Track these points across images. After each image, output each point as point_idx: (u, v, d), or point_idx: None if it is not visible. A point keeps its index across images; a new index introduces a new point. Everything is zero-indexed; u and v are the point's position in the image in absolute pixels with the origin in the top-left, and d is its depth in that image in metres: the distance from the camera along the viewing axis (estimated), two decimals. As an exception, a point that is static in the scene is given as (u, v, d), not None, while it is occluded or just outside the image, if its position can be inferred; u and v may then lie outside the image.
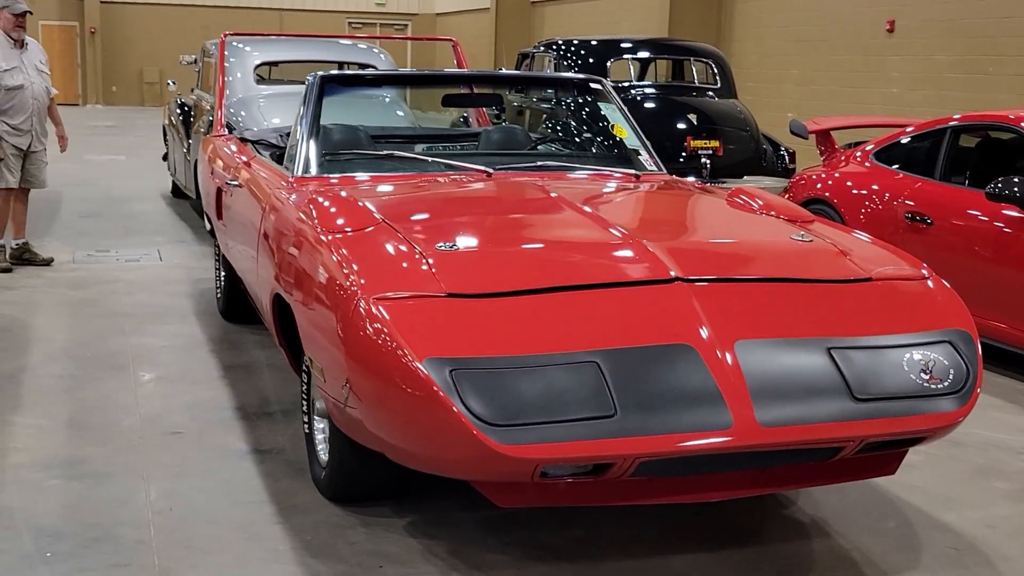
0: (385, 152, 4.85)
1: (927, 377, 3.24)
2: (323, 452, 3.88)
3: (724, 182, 9.54)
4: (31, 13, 7.63)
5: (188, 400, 5.01)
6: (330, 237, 3.63)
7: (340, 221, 3.78)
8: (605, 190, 4.69)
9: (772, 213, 4.21)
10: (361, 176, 4.65)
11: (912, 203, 6.39)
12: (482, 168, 4.65)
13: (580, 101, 5.69)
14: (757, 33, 17.08)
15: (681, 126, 9.63)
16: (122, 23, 30.08)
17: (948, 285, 3.68)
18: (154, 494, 3.97)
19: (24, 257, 7.95)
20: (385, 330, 3.05)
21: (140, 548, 3.55)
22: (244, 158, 5.57)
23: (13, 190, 7.70)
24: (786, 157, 9.97)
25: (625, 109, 5.30)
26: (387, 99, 8.27)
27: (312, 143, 4.75)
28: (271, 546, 3.59)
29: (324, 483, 3.91)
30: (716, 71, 10.54)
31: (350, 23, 32.68)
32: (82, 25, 30.19)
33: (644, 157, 5.12)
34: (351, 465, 3.71)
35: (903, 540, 3.81)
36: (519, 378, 2.95)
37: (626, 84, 10.30)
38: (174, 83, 12.51)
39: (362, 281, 3.25)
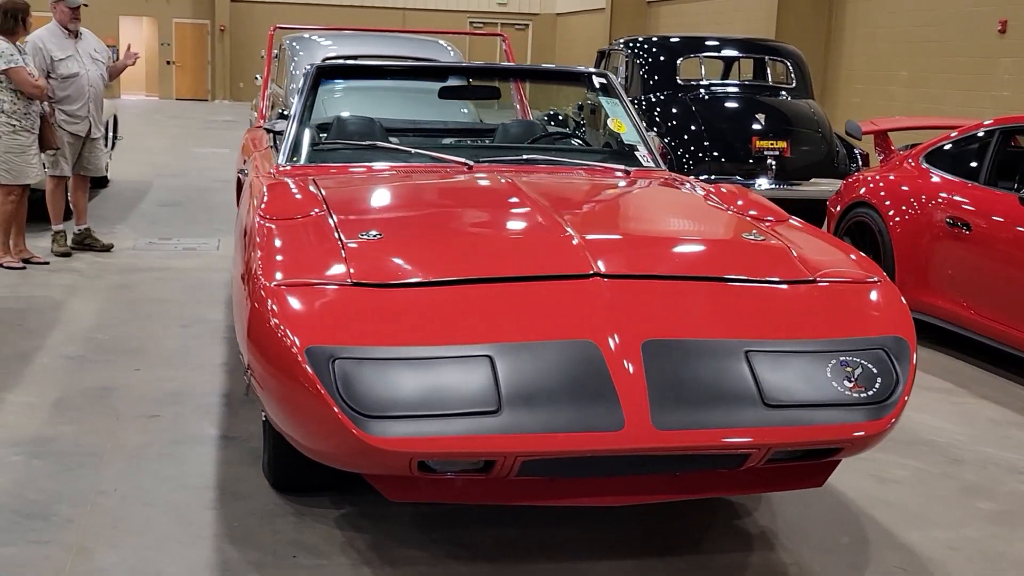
0: (368, 143, 4.83)
1: (850, 386, 3.07)
2: None
3: (796, 184, 9.30)
4: (86, 5, 7.85)
5: (181, 386, 5.08)
6: (263, 224, 3.63)
7: (282, 209, 3.77)
8: (578, 185, 4.58)
9: (743, 213, 4.04)
10: (342, 166, 4.64)
11: (952, 209, 6.09)
12: (463, 161, 4.59)
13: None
14: (867, 33, 16.58)
15: (748, 126, 9.39)
16: (251, 21, 30.83)
17: (898, 291, 3.48)
18: (105, 475, 4.03)
19: (85, 242, 8.19)
20: (275, 317, 3.03)
21: (68, 527, 3.60)
22: (257, 149, 5.61)
23: (67, 178, 7.93)
24: (859, 159, 9.63)
25: (628, 104, 5.17)
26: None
27: (299, 133, 4.75)
28: (196, 531, 3.60)
29: (266, 471, 3.92)
30: (793, 71, 10.25)
31: (471, 22, 32.89)
32: (213, 23, 31.10)
33: (642, 153, 4.98)
34: (283, 453, 3.69)
35: (850, 557, 3.62)
36: (403, 370, 2.89)
37: (695, 83, 10.10)
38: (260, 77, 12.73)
39: (266, 268, 3.24)
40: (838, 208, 7.17)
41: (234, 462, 4.18)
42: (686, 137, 9.39)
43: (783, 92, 10.13)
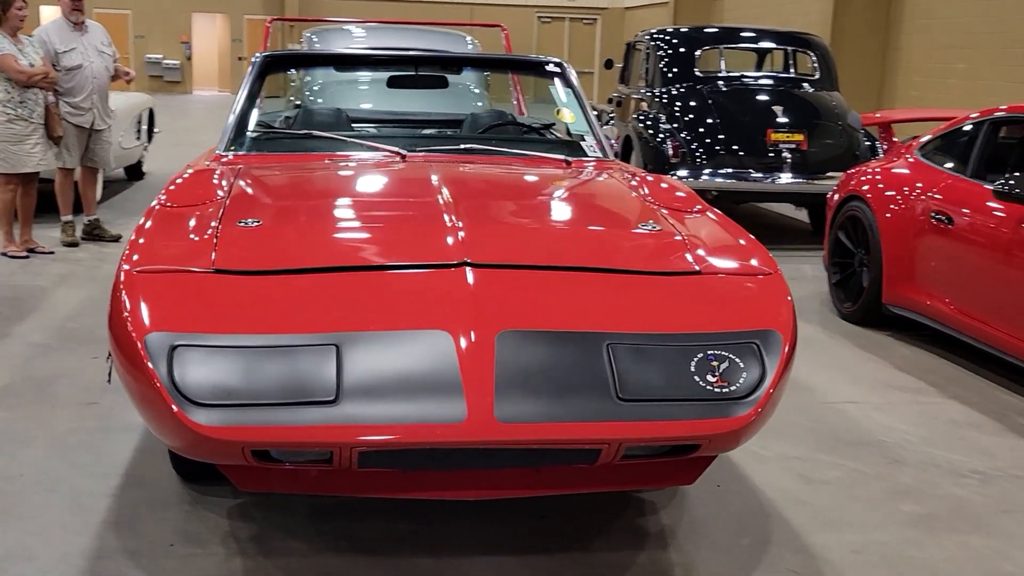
0: (304, 132, 4.80)
1: (713, 380, 2.96)
2: None
3: (814, 178, 9.08)
4: (86, -7, 7.97)
5: (131, 373, 5.10)
6: (154, 209, 3.64)
7: (184, 196, 3.78)
8: (499, 175, 4.50)
9: (661, 204, 3.93)
10: (278, 155, 4.63)
11: (937, 202, 5.89)
12: (396, 150, 4.54)
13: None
14: (925, 25, 16.17)
15: (764, 119, 9.19)
16: (321, 16, 31.12)
17: (785, 286, 3.34)
18: (20, 460, 4.07)
19: (94, 233, 8.33)
20: (126, 303, 3.02)
21: (-38, 511, 3.64)
22: None
23: (73, 170, 8.05)
24: (880, 152, 9.36)
25: (581, 93, 5.07)
26: (470, 85, 8.21)
27: (239, 122, 4.75)
28: (86, 518, 3.61)
29: (171, 457, 3.92)
30: (817, 62, 10.01)
31: (539, 17, 32.83)
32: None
33: (588, 143, 4.88)
34: None
35: (743, 559, 3.50)
36: (243, 358, 2.86)
37: (713, 75, 9.92)
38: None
39: (130, 253, 3.24)
40: (835, 201, 6.98)
41: (154, 452, 4.17)
42: (701, 130, 9.22)
43: (805, 84, 9.89)
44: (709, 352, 3.01)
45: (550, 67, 5.26)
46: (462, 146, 4.74)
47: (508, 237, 3.52)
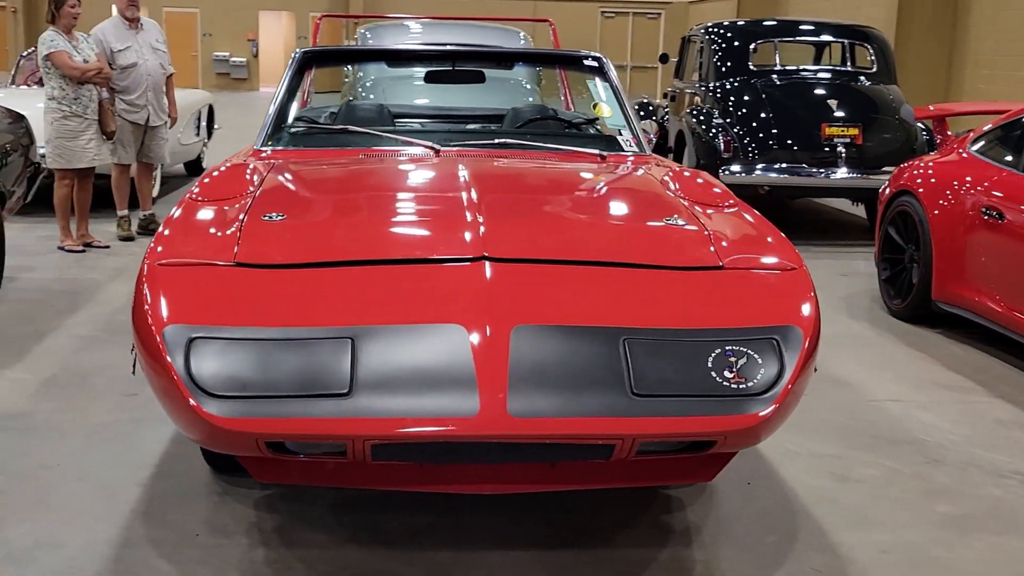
0: (340, 127, 4.83)
1: (730, 376, 2.92)
2: None
3: (869, 173, 8.93)
4: (141, -10, 8.09)
5: (173, 366, 5.17)
6: (186, 201, 3.69)
7: (215, 191, 3.83)
8: (530, 170, 4.48)
9: (684, 197, 3.89)
10: (313, 151, 4.66)
11: (988, 197, 5.76)
12: (430, 145, 4.55)
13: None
14: (995, 17, 15.84)
15: (818, 113, 9.06)
16: (382, 13, 31.34)
17: (810, 281, 3.29)
18: (56, 450, 4.15)
19: (150, 228, 8.45)
20: (147, 295, 3.06)
21: (6, 497, 3.72)
22: None
23: (129, 165, 8.19)
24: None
25: (620, 88, 5.04)
26: (521, 80, 8.21)
27: (278, 118, 4.80)
28: (114, 507, 3.67)
29: (201, 451, 3.96)
30: (875, 55, 9.84)
31: (602, 12, 32.74)
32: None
33: (625, 138, 4.85)
34: None
35: (767, 557, 3.46)
36: (259, 351, 2.88)
37: (768, 68, 9.80)
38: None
39: (155, 246, 3.28)
40: (885, 196, 6.87)
41: (184, 443, 4.22)
42: (754, 125, 9.12)
43: (862, 77, 9.73)
44: (727, 348, 2.98)
45: (588, 61, 5.24)
46: (496, 141, 4.73)
47: (528, 232, 3.50)
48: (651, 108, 11.74)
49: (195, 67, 31.90)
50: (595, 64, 5.21)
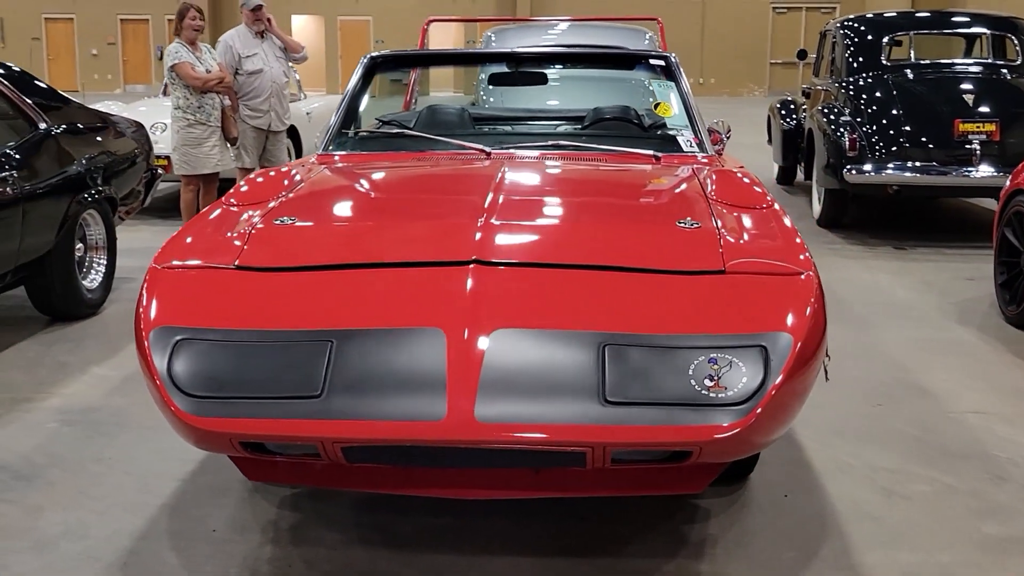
0: (397, 131, 4.88)
1: (710, 384, 2.82)
2: None
3: (1007, 171, 8.46)
4: (262, 6, 8.34)
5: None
6: (219, 204, 3.80)
7: (249, 195, 3.92)
8: (568, 172, 4.41)
9: (715, 198, 3.78)
10: (372, 155, 4.74)
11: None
12: (480, 147, 4.56)
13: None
14: None
15: (952, 108, 8.64)
16: (537, 15, 31.54)
17: (815, 288, 3.13)
18: (113, 444, 4.33)
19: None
20: (143, 297, 3.18)
21: (44, 489, 3.91)
22: None
23: (252, 170, 8.47)
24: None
25: (686, 86, 4.93)
26: (643, 80, 8.13)
27: (341, 123, 4.89)
28: (147, 500, 3.81)
29: (239, 448, 4.07)
30: (1020, 46, 9.32)
31: (774, 7, 32.06)
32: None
33: (686, 138, 4.74)
34: None
35: (779, 574, 3.32)
36: (238, 352, 2.95)
37: (902, 63, 9.40)
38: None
39: (162, 249, 3.39)
40: (1004, 196, 6.51)
41: (236, 439, 4.36)
42: (883, 122, 8.77)
43: (1003, 70, 9.24)
44: (712, 355, 2.88)
45: (654, 61, 5.15)
46: (550, 143, 4.69)
47: (526, 235, 3.47)
48: (792, 106, 11.45)
49: (369, 73, 32.87)
50: (662, 63, 5.11)
